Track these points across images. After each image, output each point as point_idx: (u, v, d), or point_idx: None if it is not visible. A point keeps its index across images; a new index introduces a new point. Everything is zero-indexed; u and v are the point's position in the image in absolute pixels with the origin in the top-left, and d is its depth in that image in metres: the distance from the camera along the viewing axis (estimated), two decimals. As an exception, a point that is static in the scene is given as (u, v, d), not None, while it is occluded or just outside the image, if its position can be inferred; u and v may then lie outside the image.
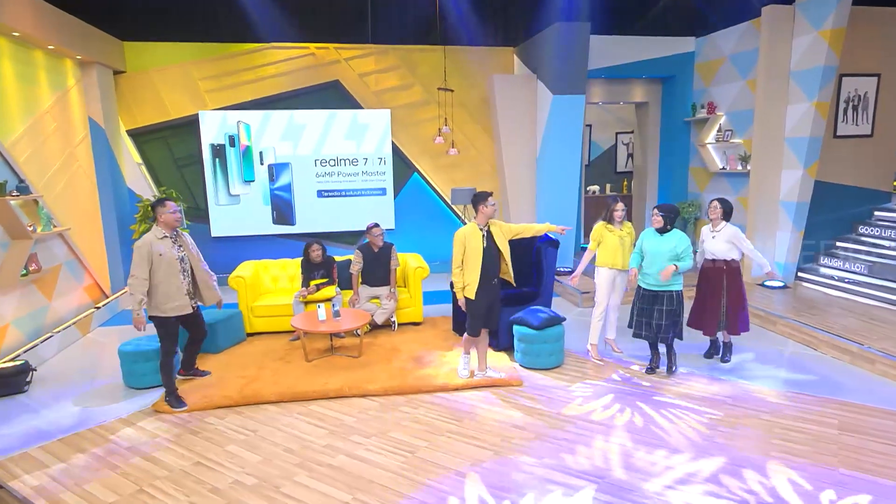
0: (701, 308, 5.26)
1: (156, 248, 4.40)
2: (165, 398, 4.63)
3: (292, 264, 6.95)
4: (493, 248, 4.91)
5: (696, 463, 3.64)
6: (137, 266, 4.35)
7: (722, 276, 5.11)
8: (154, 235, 4.44)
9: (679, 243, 4.77)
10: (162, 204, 4.47)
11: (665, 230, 4.86)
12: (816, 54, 6.79)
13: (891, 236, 7.24)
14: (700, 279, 5.30)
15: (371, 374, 5.08)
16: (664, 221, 4.86)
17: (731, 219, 5.17)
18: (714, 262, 5.15)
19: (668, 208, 4.93)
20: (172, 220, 4.47)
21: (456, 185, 9.46)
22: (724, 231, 5.09)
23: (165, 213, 4.44)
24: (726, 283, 5.10)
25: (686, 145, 9.34)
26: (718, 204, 5.15)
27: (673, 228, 4.88)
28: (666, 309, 4.86)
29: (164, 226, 4.48)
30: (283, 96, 8.96)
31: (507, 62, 9.47)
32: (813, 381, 4.92)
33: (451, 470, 3.63)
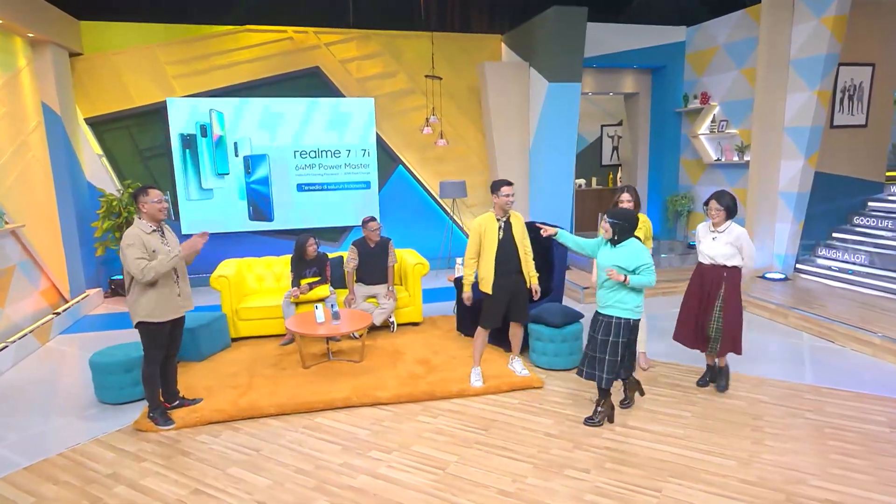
0: (688, 316, 4.42)
1: (148, 243, 3.83)
2: (149, 414, 4.06)
3: (278, 262, 6.41)
4: (511, 241, 4.54)
5: (760, 468, 3.35)
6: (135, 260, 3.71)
7: (720, 282, 4.23)
8: (141, 230, 3.85)
9: (632, 260, 3.71)
10: (144, 192, 3.88)
11: (616, 242, 3.80)
12: (818, 42, 6.68)
13: (888, 226, 7.22)
14: (693, 281, 4.42)
15: (378, 381, 4.63)
16: (613, 232, 3.77)
17: (735, 216, 4.30)
18: (713, 267, 4.28)
19: (620, 215, 3.79)
20: (157, 211, 3.89)
21: (443, 178, 9.05)
22: (729, 232, 4.20)
23: (149, 203, 3.86)
24: (724, 291, 4.22)
25: (677, 137, 9.19)
26: (716, 203, 4.19)
27: (628, 239, 3.79)
28: (602, 338, 3.80)
29: (149, 218, 3.90)
30: (259, 83, 8.36)
31: (495, 50, 9.11)
32: (842, 376, 4.73)
33: (492, 488, 3.23)
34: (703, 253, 4.34)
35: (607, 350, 3.78)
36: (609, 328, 3.78)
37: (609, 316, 3.80)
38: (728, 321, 4.24)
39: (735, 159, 7.94)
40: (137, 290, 3.82)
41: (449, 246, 9.01)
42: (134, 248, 3.72)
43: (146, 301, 3.81)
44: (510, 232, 4.56)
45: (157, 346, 3.95)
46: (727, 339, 4.26)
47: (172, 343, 4.13)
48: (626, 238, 3.78)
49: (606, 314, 3.81)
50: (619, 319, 3.77)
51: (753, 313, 6.43)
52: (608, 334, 3.78)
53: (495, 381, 4.60)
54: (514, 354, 4.86)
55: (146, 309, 3.82)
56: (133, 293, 3.83)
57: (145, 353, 4.00)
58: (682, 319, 4.48)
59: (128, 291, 3.87)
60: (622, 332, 3.77)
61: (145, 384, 4.04)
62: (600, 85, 9.33)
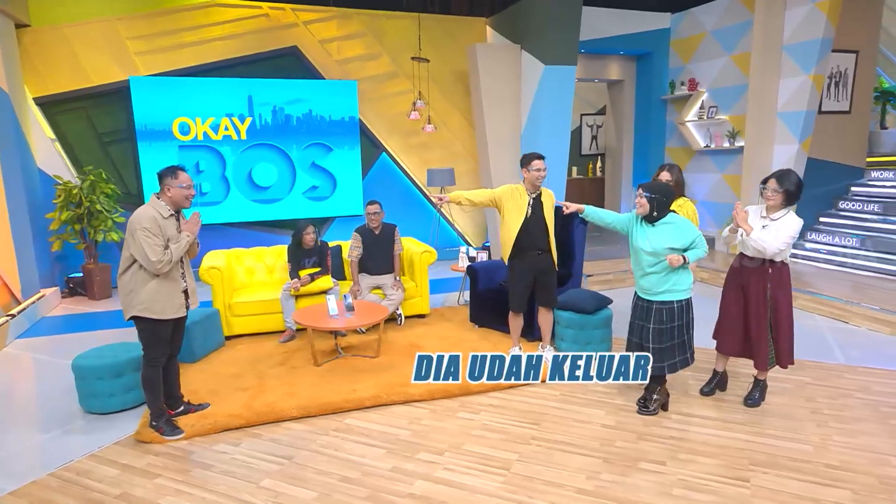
0: (732, 322, 3.73)
1: (164, 227, 3.31)
2: (151, 423, 3.52)
3: (269, 253, 5.87)
4: (540, 220, 4.27)
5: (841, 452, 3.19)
6: (154, 246, 3.21)
7: (766, 282, 3.56)
8: (157, 211, 3.31)
9: (682, 236, 3.43)
10: (173, 174, 3.34)
11: (654, 219, 3.50)
12: (814, 26, 6.72)
13: (873, 210, 7.39)
14: (731, 278, 3.75)
15: (402, 377, 4.23)
16: (651, 207, 3.45)
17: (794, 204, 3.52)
18: (753, 260, 3.59)
19: (657, 188, 3.47)
20: (183, 199, 3.37)
21: (427, 166, 8.68)
22: (786, 221, 3.45)
23: (175, 188, 3.34)
24: (772, 291, 3.57)
25: (662, 124, 9.17)
26: (776, 184, 3.45)
27: (668, 214, 3.49)
28: (657, 328, 3.53)
29: (172, 203, 3.37)
30: (232, 62, 7.73)
31: (480, 33, 8.81)
32: (871, 354, 4.70)
33: (569, 487, 2.92)
34: (749, 243, 3.55)
35: (675, 335, 3.54)
36: (672, 314, 3.51)
37: (665, 302, 3.51)
38: (782, 328, 3.60)
39: (726, 145, 7.96)
40: (136, 280, 3.29)
41: (436, 238, 8.64)
42: (150, 234, 3.19)
43: (146, 294, 3.29)
44: (540, 211, 4.29)
45: (159, 345, 3.43)
46: (781, 350, 3.64)
47: (173, 341, 3.61)
48: (664, 213, 3.48)
49: (661, 300, 3.51)
50: (677, 303, 3.51)
51: (760, 297, 6.41)
52: (672, 321, 3.52)
53: (530, 370, 4.29)
54: (544, 343, 4.58)
55: (144, 302, 3.29)
56: (129, 282, 3.30)
57: (145, 353, 3.47)
58: (725, 327, 3.78)
59: (120, 277, 3.33)
60: (683, 314, 3.54)
61: (146, 389, 3.50)
62: (585, 71, 9.18)
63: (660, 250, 3.45)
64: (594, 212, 3.96)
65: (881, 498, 2.78)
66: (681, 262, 3.40)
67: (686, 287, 3.53)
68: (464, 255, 6.29)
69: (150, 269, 3.23)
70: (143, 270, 3.28)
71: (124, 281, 3.32)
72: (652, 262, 3.50)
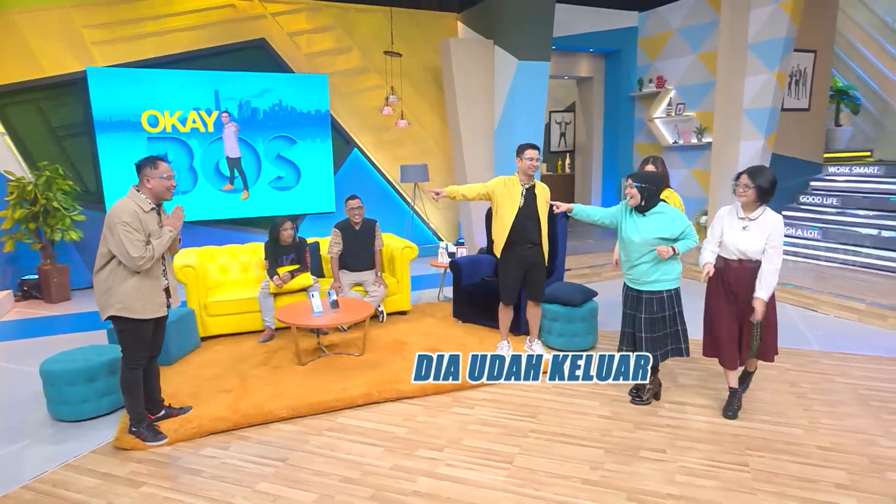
0: (720, 329, 3.51)
1: (145, 222, 3.12)
2: (132, 429, 3.33)
3: (244, 251, 5.67)
4: (533, 212, 4.25)
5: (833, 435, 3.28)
6: (135, 242, 3.04)
7: (750, 284, 3.36)
8: (138, 205, 3.13)
9: (672, 226, 3.43)
10: (152, 164, 3.16)
11: (645, 208, 3.49)
12: (777, 25, 6.94)
13: (832, 203, 7.70)
14: (713, 284, 3.53)
15: (391, 374, 4.15)
16: (641, 197, 3.44)
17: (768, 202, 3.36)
18: (740, 262, 3.39)
19: (647, 178, 3.46)
20: (164, 190, 3.19)
21: (399, 162, 8.58)
22: (765, 220, 3.30)
23: (156, 178, 3.15)
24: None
25: (630, 121, 9.32)
26: (748, 179, 3.28)
27: (658, 203, 3.49)
28: (648, 317, 3.53)
29: (152, 195, 3.18)
30: (197, 54, 7.43)
31: (451, 28, 8.76)
32: (843, 340, 4.87)
33: (574, 478, 2.90)
34: (728, 246, 3.40)
35: (667, 324, 3.54)
36: (662, 304, 3.51)
37: (655, 292, 3.51)
38: (769, 322, 3.46)
39: (694, 141, 8.15)
40: (115, 278, 3.10)
41: (409, 235, 8.54)
42: (130, 227, 3.01)
43: (124, 292, 3.10)
44: (533, 203, 4.26)
45: (139, 346, 3.25)
46: (767, 344, 3.52)
47: (154, 342, 3.42)
48: (654, 203, 3.49)
49: (651, 290, 3.52)
50: (667, 292, 3.52)
51: (731, 288, 6.59)
52: (663, 310, 3.52)
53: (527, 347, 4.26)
54: (532, 337, 4.57)
55: (123, 301, 3.10)
56: (106, 279, 3.11)
57: (124, 355, 3.28)
58: (712, 335, 3.58)
59: (97, 275, 3.13)
60: (674, 304, 3.56)
61: (125, 393, 3.30)
62: (555, 68, 9.24)
63: (650, 240, 3.47)
64: (582, 210, 3.92)
65: (874, 476, 2.86)
66: (671, 253, 3.42)
67: (675, 276, 3.55)
68: (443, 251, 6.22)
69: (131, 265, 3.05)
70: (122, 267, 3.09)
71: (101, 278, 3.13)
72: (641, 252, 3.51)
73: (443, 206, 9.10)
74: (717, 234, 3.48)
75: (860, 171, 7.90)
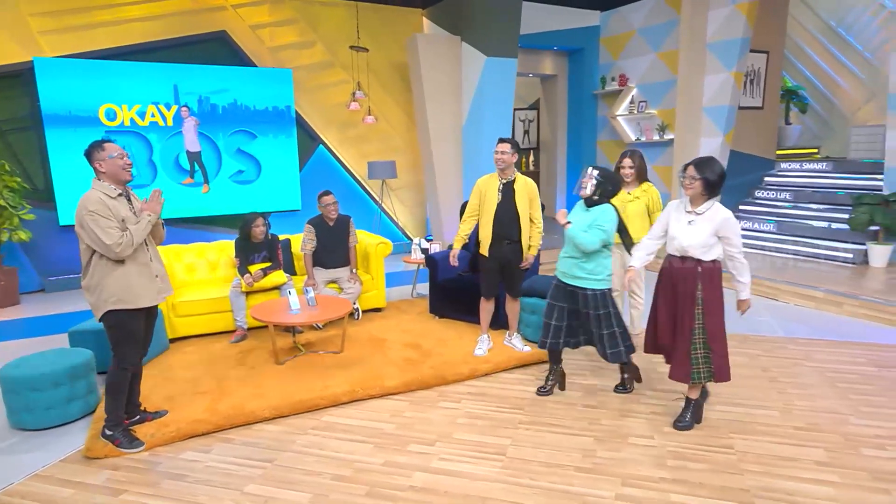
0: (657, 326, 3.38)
1: (115, 209, 2.96)
2: (105, 432, 3.16)
3: (211, 249, 5.47)
4: (510, 207, 4.24)
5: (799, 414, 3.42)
6: (106, 229, 2.87)
7: (695, 283, 3.16)
8: (105, 193, 2.97)
9: (596, 218, 3.40)
10: (99, 147, 2.99)
11: (593, 203, 3.46)
12: (734, 26, 7.19)
13: (785, 198, 8.05)
14: (660, 281, 3.37)
15: (374, 370, 4.08)
16: (594, 191, 3.41)
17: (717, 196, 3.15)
18: (683, 260, 3.20)
19: (609, 176, 3.46)
20: (119, 170, 3.01)
21: (366, 159, 8.48)
22: (712, 214, 3.10)
23: (107, 160, 2.98)
24: (703, 295, 3.15)
25: (593, 118, 9.49)
26: (694, 170, 3.08)
27: (605, 203, 3.44)
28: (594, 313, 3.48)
29: (111, 179, 3.02)
30: (154, 46, 7.14)
31: (416, 24, 8.71)
32: (804, 327, 5.09)
33: (568, 466, 2.92)
34: (671, 241, 3.23)
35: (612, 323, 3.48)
36: (597, 301, 3.45)
37: (586, 289, 3.46)
38: (717, 339, 3.20)
39: (656, 138, 8.37)
40: (100, 272, 2.95)
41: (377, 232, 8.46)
42: (99, 217, 2.85)
43: (114, 283, 2.96)
44: (511, 197, 4.25)
45: (132, 344, 3.10)
46: (718, 364, 3.19)
47: (145, 339, 3.27)
48: (603, 201, 3.47)
49: (576, 285, 3.48)
50: (591, 291, 3.45)
51: (696, 280, 6.80)
52: (597, 308, 3.46)
53: (500, 358, 4.28)
54: (511, 331, 4.58)
55: (116, 293, 2.95)
56: (94, 275, 2.95)
57: (115, 354, 3.11)
58: (650, 330, 3.44)
59: (85, 274, 2.97)
60: (609, 304, 3.48)
61: (111, 394, 3.13)
62: (519, 66, 9.27)
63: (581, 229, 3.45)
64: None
65: (849, 453, 2.99)
66: (562, 221, 3.47)
67: (600, 278, 3.45)
68: (416, 248, 6.18)
69: (109, 254, 2.89)
70: (105, 260, 2.93)
71: (87, 277, 2.98)
72: (570, 249, 3.50)
73: (410, 204, 9.04)
74: (659, 229, 3.35)
75: (810, 167, 8.29)
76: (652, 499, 2.64)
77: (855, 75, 9.15)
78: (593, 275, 3.45)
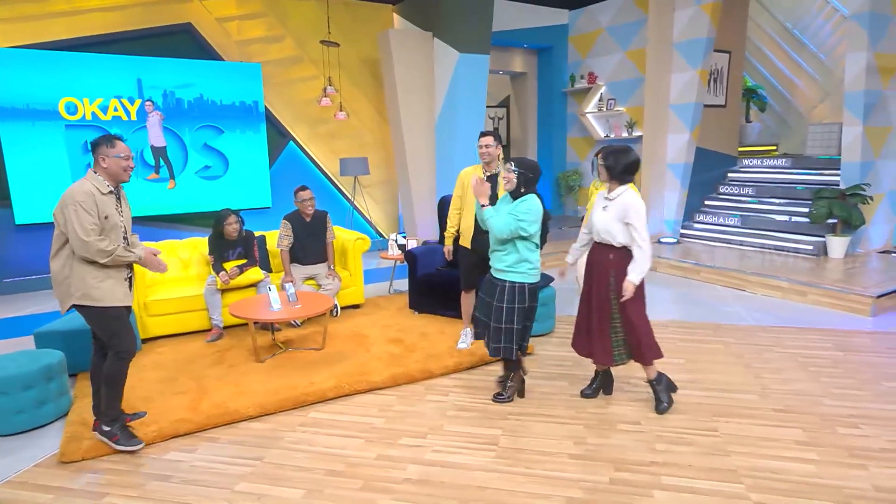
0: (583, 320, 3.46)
1: (101, 205, 2.84)
2: (102, 428, 3.04)
3: (183, 246, 5.32)
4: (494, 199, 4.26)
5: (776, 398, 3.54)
6: (84, 224, 2.76)
7: (609, 268, 3.26)
8: (96, 187, 2.85)
9: (516, 206, 3.28)
10: (110, 143, 2.88)
11: (519, 195, 3.33)
12: (699, 26, 7.41)
13: (748, 193, 8.33)
14: (587, 273, 3.44)
15: (360, 366, 4.04)
16: (518, 182, 3.30)
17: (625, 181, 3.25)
18: (601, 246, 3.33)
19: (525, 163, 3.32)
20: (121, 171, 2.91)
21: (337, 155, 8.38)
22: (621, 199, 3.19)
23: (112, 158, 2.87)
24: (615, 280, 3.23)
25: (563, 116, 9.62)
26: (600, 158, 3.31)
27: (531, 194, 3.33)
28: (497, 305, 3.37)
29: (109, 176, 2.90)
30: (115, 37, 6.87)
31: (387, 20, 8.65)
32: (770, 316, 5.28)
33: (561, 454, 2.95)
34: (593, 227, 3.35)
35: (503, 318, 3.35)
36: (504, 293, 3.34)
37: (505, 281, 3.35)
38: (627, 320, 3.26)
39: (625, 135, 8.54)
40: (70, 265, 2.87)
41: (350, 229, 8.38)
42: (81, 207, 2.74)
43: (79, 278, 2.87)
44: (495, 189, 4.27)
45: (126, 329, 3.03)
46: (635, 344, 3.30)
47: None
48: (530, 190, 3.34)
49: (502, 279, 3.36)
50: (518, 285, 3.33)
51: (668, 273, 6.96)
52: (502, 301, 3.34)
53: (484, 350, 4.25)
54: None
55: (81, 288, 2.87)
56: (63, 268, 2.88)
57: (114, 346, 2.99)
58: (578, 320, 3.51)
59: (52, 261, 2.87)
60: (524, 298, 3.35)
61: (111, 385, 3.03)
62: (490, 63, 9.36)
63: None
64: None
65: (826, 432, 3.12)
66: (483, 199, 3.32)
67: (524, 271, 3.34)
68: (393, 244, 6.14)
69: (81, 250, 2.78)
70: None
71: (57, 266, 2.87)
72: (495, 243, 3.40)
73: (382, 201, 8.98)
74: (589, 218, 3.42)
75: (770, 163, 8.59)
76: (645, 482, 2.69)
77: (810, 75, 9.54)
78: (513, 268, 3.34)
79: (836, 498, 2.54)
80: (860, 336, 4.65)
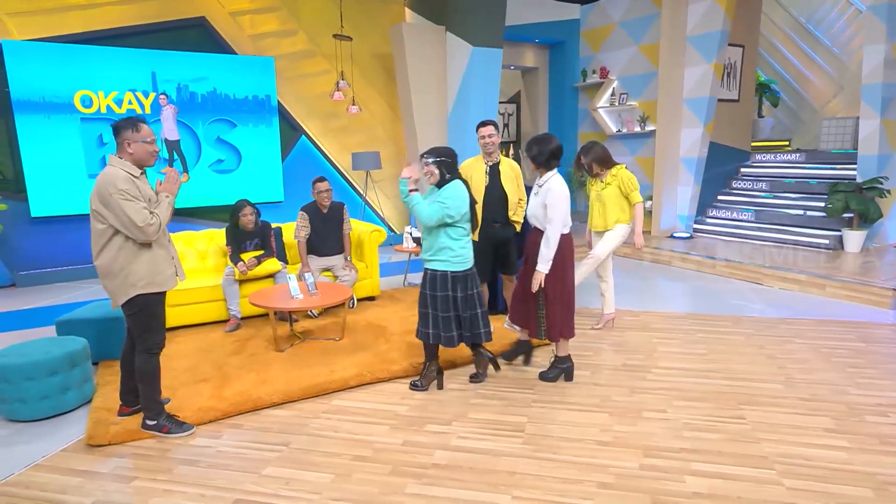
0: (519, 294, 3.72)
1: (142, 189, 2.85)
2: (148, 422, 3.04)
3: (200, 237, 5.33)
4: (497, 189, 4.28)
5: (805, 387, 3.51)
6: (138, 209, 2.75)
7: (537, 249, 3.43)
8: (127, 171, 2.81)
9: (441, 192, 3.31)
10: (134, 126, 2.82)
11: (445, 181, 3.34)
12: (714, 19, 7.37)
13: (762, 188, 8.28)
14: (525, 253, 3.69)
15: (380, 355, 4.03)
16: (441, 172, 3.33)
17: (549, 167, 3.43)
18: (535, 230, 3.52)
19: (438, 151, 3.38)
20: (147, 155, 2.88)
21: (349, 150, 8.38)
22: (547, 186, 3.38)
23: (137, 143, 2.84)
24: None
25: (574, 111, 9.59)
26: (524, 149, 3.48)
27: (455, 179, 3.36)
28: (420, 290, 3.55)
29: (134, 161, 2.88)
30: (130, 31, 6.89)
31: (398, 14, 8.64)
32: (790, 309, 5.24)
33: (588, 441, 2.93)
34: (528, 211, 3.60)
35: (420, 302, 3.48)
36: (425, 279, 3.43)
37: (427, 269, 3.42)
38: (549, 300, 3.46)
39: (637, 130, 8.50)
40: (125, 255, 2.82)
41: (362, 223, 8.37)
42: (128, 194, 2.73)
43: (141, 266, 2.85)
44: (498, 179, 4.28)
45: (159, 327, 3.02)
46: (550, 323, 3.51)
47: None
48: (454, 177, 3.36)
49: (430, 268, 3.41)
50: (437, 272, 3.38)
51: (683, 267, 6.93)
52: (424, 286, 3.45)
53: (504, 341, 4.27)
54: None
55: (145, 276, 2.85)
56: (115, 260, 2.81)
57: (144, 341, 2.98)
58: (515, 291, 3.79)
59: (98, 259, 2.83)
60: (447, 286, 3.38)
61: (146, 382, 3.01)
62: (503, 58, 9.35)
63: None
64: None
65: (855, 420, 3.09)
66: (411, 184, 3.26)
67: (446, 258, 3.35)
68: (408, 236, 6.13)
69: (139, 236, 2.77)
70: (129, 242, 2.80)
71: (106, 261, 2.82)
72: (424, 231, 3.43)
73: (393, 195, 8.97)
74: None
75: (784, 157, 8.55)
76: (675, 467, 2.67)
77: (824, 70, 9.48)
78: (435, 256, 3.36)
79: (869, 484, 2.52)
80: (882, 328, 4.61)
